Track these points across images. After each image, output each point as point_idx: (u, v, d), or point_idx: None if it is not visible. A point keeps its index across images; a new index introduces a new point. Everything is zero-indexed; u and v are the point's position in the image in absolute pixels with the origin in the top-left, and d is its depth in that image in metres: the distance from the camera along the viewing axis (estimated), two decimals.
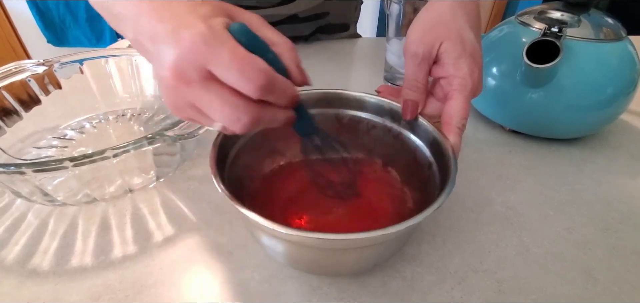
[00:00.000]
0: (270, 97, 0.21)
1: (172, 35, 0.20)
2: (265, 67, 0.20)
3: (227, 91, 0.20)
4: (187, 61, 0.20)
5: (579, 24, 0.40)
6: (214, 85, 0.20)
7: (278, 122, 0.23)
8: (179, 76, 0.20)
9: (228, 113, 0.21)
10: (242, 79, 0.20)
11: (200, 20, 0.20)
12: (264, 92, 0.20)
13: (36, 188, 0.32)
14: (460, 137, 0.28)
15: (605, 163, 0.42)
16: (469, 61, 0.28)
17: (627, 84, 0.41)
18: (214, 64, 0.20)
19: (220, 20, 0.21)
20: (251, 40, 0.21)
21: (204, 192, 0.37)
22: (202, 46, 0.19)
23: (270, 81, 0.20)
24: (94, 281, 0.28)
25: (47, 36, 1.93)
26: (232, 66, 0.19)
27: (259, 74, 0.20)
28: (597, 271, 0.29)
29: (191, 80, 0.20)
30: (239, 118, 0.21)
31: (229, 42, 0.20)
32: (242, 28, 0.21)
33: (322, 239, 0.21)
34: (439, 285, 0.28)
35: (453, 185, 0.24)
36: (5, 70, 0.42)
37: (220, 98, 0.20)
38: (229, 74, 0.20)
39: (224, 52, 0.19)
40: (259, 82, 0.20)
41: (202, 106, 0.21)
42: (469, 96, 0.28)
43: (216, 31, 0.20)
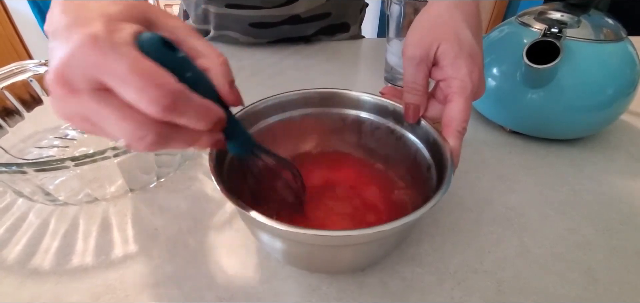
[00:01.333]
0: (181, 119, 0.18)
1: (64, 32, 0.17)
2: (172, 85, 0.17)
3: (126, 105, 0.17)
4: (74, 67, 0.16)
5: (579, 25, 0.40)
6: (110, 98, 0.17)
7: (200, 145, 0.21)
8: (64, 83, 0.17)
9: (129, 130, 0.17)
10: (141, 97, 0.16)
11: (99, 21, 0.17)
12: (170, 113, 0.17)
13: (38, 188, 0.32)
14: (460, 140, 0.28)
15: (606, 164, 0.42)
16: (467, 61, 0.28)
17: (627, 85, 0.41)
18: (108, 76, 0.16)
19: (127, 27, 0.18)
20: (164, 55, 0.18)
21: (204, 192, 0.37)
22: (93, 51, 0.16)
23: (179, 103, 0.17)
24: (95, 281, 0.28)
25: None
26: (130, 82, 0.16)
27: (164, 94, 0.17)
28: (598, 271, 0.29)
29: (78, 89, 0.17)
30: (142, 137, 0.18)
31: (130, 53, 0.16)
32: (152, 39, 0.18)
33: (319, 236, 0.21)
34: (439, 285, 0.28)
35: (448, 185, 0.24)
36: (7, 70, 0.42)
37: (118, 112, 0.17)
38: (125, 90, 0.17)
39: (120, 63, 0.16)
40: (163, 102, 0.17)
41: (97, 119, 0.18)
42: (470, 98, 0.28)
43: (115, 37, 0.17)
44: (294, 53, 0.70)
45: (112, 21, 0.17)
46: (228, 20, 0.68)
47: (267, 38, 0.71)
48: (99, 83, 0.17)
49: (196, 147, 0.21)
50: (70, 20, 0.17)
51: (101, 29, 0.17)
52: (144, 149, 0.18)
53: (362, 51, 0.73)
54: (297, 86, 0.34)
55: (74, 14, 0.18)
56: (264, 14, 0.66)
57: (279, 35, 0.71)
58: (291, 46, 0.72)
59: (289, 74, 0.62)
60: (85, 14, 0.17)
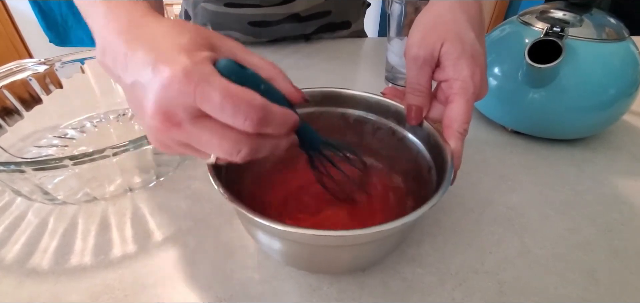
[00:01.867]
0: (268, 128, 0.20)
1: (150, 70, 0.18)
2: (259, 101, 0.19)
3: (222, 126, 0.19)
4: (174, 102, 0.18)
5: (581, 24, 0.39)
6: (207, 122, 0.19)
7: (281, 149, 0.23)
8: (166, 119, 0.19)
9: (227, 147, 0.20)
10: (237, 117, 0.18)
11: (182, 54, 0.19)
12: (262, 126, 0.19)
13: (36, 187, 0.32)
14: (462, 142, 0.27)
15: (607, 164, 0.42)
16: (469, 62, 0.27)
17: (629, 85, 0.40)
18: (205, 104, 0.18)
19: (204, 55, 0.19)
20: (241, 76, 0.20)
21: (204, 191, 0.37)
22: (188, 85, 0.18)
23: (266, 115, 0.19)
24: (94, 280, 0.28)
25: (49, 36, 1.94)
26: (225, 106, 0.18)
27: (255, 110, 0.19)
28: (599, 272, 0.29)
29: (180, 121, 0.19)
30: (239, 150, 0.20)
31: (218, 80, 0.18)
32: (230, 65, 0.20)
33: (318, 236, 0.21)
34: (440, 286, 0.28)
35: (447, 186, 0.24)
36: (7, 69, 0.42)
37: (217, 135, 0.19)
38: (223, 114, 0.18)
39: (213, 92, 0.18)
40: (256, 118, 0.19)
41: (197, 145, 0.20)
42: (471, 99, 0.27)
43: (202, 68, 0.18)
44: (294, 52, 0.69)
45: (190, 52, 0.19)
46: (227, 19, 0.67)
47: (267, 37, 0.71)
48: (197, 111, 0.19)
49: (278, 151, 0.22)
50: (150, 58, 0.19)
51: (188, 62, 0.18)
52: (241, 160, 0.20)
53: (362, 50, 0.73)
54: (298, 85, 0.34)
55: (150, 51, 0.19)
56: (264, 12, 0.66)
57: (279, 34, 0.71)
58: (291, 44, 0.72)
59: (289, 74, 0.61)
60: (162, 50, 0.19)
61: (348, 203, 0.32)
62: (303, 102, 0.25)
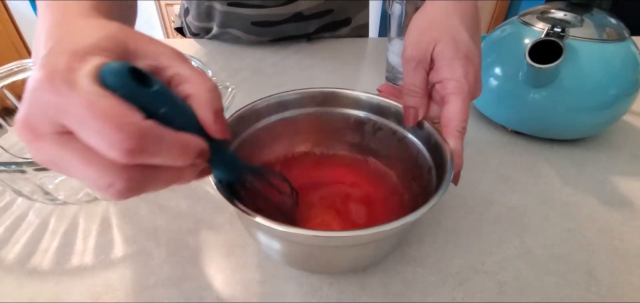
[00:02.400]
0: (155, 159, 0.16)
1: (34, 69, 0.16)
2: (136, 125, 0.15)
3: (88, 152, 0.15)
4: (35, 109, 0.15)
5: (582, 24, 0.39)
6: (73, 142, 0.15)
7: (183, 182, 0.19)
8: (28, 129, 0.15)
9: (94, 177, 0.15)
10: (101, 141, 0.15)
11: (62, 56, 0.15)
12: (137, 156, 0.15)
13: (37, 187, 0.32)
14: (461, 141, 0.27)
15: (608, 164, 0.42)
16: (463, 62, 0.27)
17: (630, 85, 0.40)
18: (66, 118, 0.15)
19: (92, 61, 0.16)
20: (131, 88, 0.15)
21: (204, 192, 0.37)
22: (50, 91, 0.15)
23: (147, 143, 0.15)
24: (95, 280, 0.28)
25: None
26: (88, 123, 0.14)
27: (128, 136, 0.14)
28: (600, 272, 0.29)
29: (42, 133, 0.15)
30: (110, 184, 0.16)
31: (87, 90, 0.14)
32: (118, 71, 0.15)
33: (318, 237, 0.21)
34: (440, 286, 0.28)
35: (447, 186, 0.24)
36: (7, 69, 0.42)
37: (82, 158, 0.15)
38: (85, 132, 0.15)
39: (76, 104, 0.14)
40: (127, 146, 0.14)
41: (62, 165, 0.16)
42: (467, 98, 0.27)
43: (74, 75, 0.15)
44: (295, 52, 0.69)
45: (76, 55, 0.16)
46: (231, 18, 0.68)
47: (270, 36, 0.71)
48: (60, 126, 0.15)
49: (179, 184, 0.19)
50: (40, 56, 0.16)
51: (61, 65, 0.15)
52: (117, 198, 0.16)
53: (363, 50, 0.73)
54: (299, 85, 0.34)
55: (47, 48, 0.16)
56: (267, 12, 0.66)
57: (281, 34, 0.71)
58: (293, 44, 0.72)
59: (290, 74, 0.62)
60: (53, 50, 0.16)
61: None
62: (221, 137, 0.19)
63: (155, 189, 0.18)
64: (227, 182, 0.24)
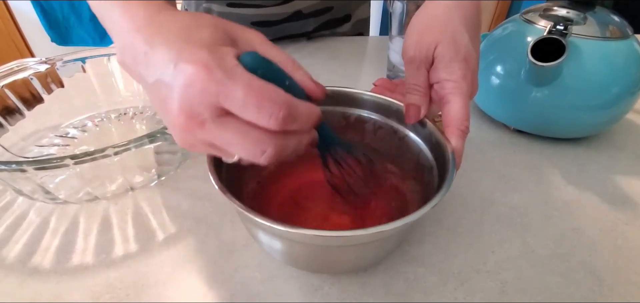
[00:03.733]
0: (294, 125, 0.19)
1: (173, 68, 0.18)
2: (284, 97, 0.18)
3: (245, 125, 0.18)
4: (197, 101, 0.18)
5: (585, 22, 0.39)
6: (231, 121, 0.18)
7: (303, 146, 0.22)
8: (190, 117, 0.18)
9: (251, 148, 0.19)
10: (261, 114, 0.18)
11: (203, 50, 0.18)
12: (287, 123, 0.18)
13: (38, 186, 0.32)
14: (463, 140, 0.28)
15: (611, 163, 0.41)
16: (461, 65, 0.28)
17: (633, 83, 0.40)
18: (228, 102, 0.18)
19: (228, 51, 0.19)
20: (267, 70, 0.19)
21: (206, 191, 0.37)
22: (211, 82, 0.17)
23: (292, 111, 0.19)
24: (95, 280, 0.28)
25: (51, 35, 1.94)
26: (249, 103, 0.18)
27: (279, 106, 0.18)
28: (603, 272, 0.29)
29: (204, 120, 0.18)
30: (264, 151, 0.19)
31: (242, 75, 0.18)
32: (255, 58, 0.19)
33: (319, 236, 0.21)
34: (442, 285, 0.28)
35: (449, 185, 0.24)
36: (8, 68, 0.42)
37: (240, 133, 0.19)
38: (246, 111, 0.18)
39: (237, 88, 0.17)
40: (281, 115, 0.18)
41: (221, 144, 0.19)
42: (465, 97, 0.28)
43: (225, 63, 0.18)
44: (295, 51, 0.69)
45: (212, 47, 0.18)
46: (230, 19, 0.67)
47: (270, 36, 0.71)
48: (220, 109, 0.18)
49: (301, 150, 0.21)
50: (171, 55, 0.18)
51: (210, 58, 0.18)
52: (266, 162, 0.19)
53: (364, 49, 0.72)
54: None
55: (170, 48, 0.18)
56: (266, 12, 0.66)
57: (282, 33, 0.71)
58: (293, 43, 0.72)
59: None
60: (184, 44, 0.18)
61: (354, 204, 0.32)
62: (322, 97, 0.23)
63: (290, 152, 0.21)
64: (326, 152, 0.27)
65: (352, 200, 0.31)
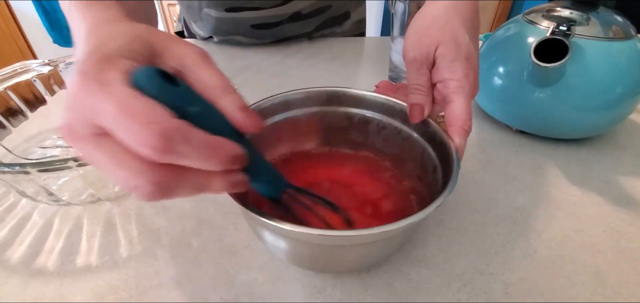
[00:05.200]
0: (183, 160, 0.16)
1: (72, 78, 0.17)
2: (164, 123, 0.15)
3: (122, 151, 0.16)
4: (73, 113, 0.16)
5: (588, 22, 0.39)
6: (107, 142, 0.16)
7: (213, 189, 0.18)
8: (69, 130, 0.16)
9: (124, 177, 0.16)
10: (132, 137, 0.15)
11: (91, 59, 0.16)
12: (165, 155, 0.15)
13: (41, 188, 0.32)
14: (466, 139, 0.28)
15: (614, 164, 0.41)
16: (463, 64, 0.28)
17: (637, 84, 0.40)
18: (100, 118, 0.15)
19: (121, 63, 0.17)
20: (161, 89, 0.16)
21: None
22: (84, 95, 0.16)
23: (172, 141, 0.15)
24: (99, 281, 0.28)
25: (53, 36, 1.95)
26: (119, 123, 0.15)
27: (154, 133, 0.15)
28: (606, 273, 0.29)
29: (80, 136, 0.16)
30: (138, 186, 0.16)
31: (118, 91, 0.15)
32: (147, 73, 0.16)
33: (323, 236, 0.21)
34: (445, 287, 0.28)
35: (454, 185, 0.24)
36: (11, 70, 0.42)
37: (113, 158, 0.16)
38: (117, 131, 0.15)
39: (107, 104, 0.15)
40: (153, 143, 0.15)
41: (98, 165, 0.17)
42: (468, 96, 0.28)
43: (104, 76, 0.16)
44: (297, 52, 0.69)
45: (107, 59, 0.16)
46: (230, 24, 0.67)
47: (270, 38, 0.71)
48: (96, 127, 0.16)
49: (210, 192, 0.18)
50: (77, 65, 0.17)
51: (91, 68, 0.16)
52: (146, 199, 0.16)
53: (366, 50, 0.72)
54: (301, 85, 0.34)
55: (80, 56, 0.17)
56: (265, 14, 0.66)
57: (282, 35, 0.71)
58: (294, 44, 0.72)
59: (292, 74, 0.62)
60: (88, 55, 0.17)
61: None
62: (252, 131, 0.19)
63: (183, 194, 0.17)
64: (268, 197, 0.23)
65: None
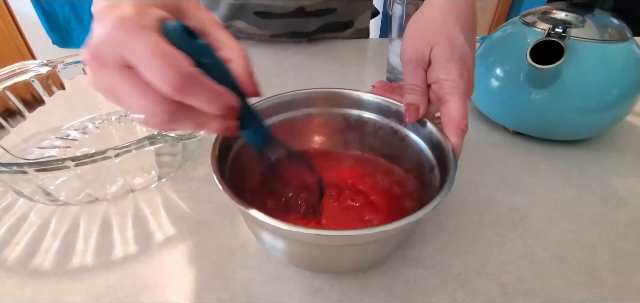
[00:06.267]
0: (193, 100, 0.20)
1: (102, 14, 0.19)
2: (185, 68, 0.19)
3: (144, 84, 0.19)
4: (104, 45, 0.19)
5: (584, 25, 0.39)
6: (131, 74, 0.19)
7: (209, 129, 0.22)
8: (96, 57, 0.19)
9: (143, 105, 0.19)
10: (157, 75, 0.18)
11: (130, 5, 0.19)
12: (180, 93, 0.19)
13: (38, 188, 0.32)
14: (462, 139, 0.28)
15: (611, 165, 0.41)
16: (458, 64, 0.29)
17: (633, 86, 0.40)
18: (131, 54, 0.19)
19: (154, 12, 0.20)
20: (184, 41, 0.20)
21: (206, 192, 0.37)
22: (121, 32, 0.18)
23: (189, 84, 0.19)
24: (95, 281, 0.28)
25: (52, 37, 1.95)
26: (148, 61, 0.18)
27: (175, 74, 0.18)
28: (603, 274, 0.29)
29: (107, 63, 0.19)
30: (154, 113, 0.20)
31: (152, 36, 0.19)
32: (176, 27, 0.20)
33: (320, 236, 0.21)
34: (442, 287, 0.28)
35: (451, 185, 0.24)
36: (9, 70, 0.42)
37: (136, 87, 0.19)
38: (144, 68, 0.19)
39: (143, 44, 0.18)
40: (173, 82, 0.18)
41: (119, 93, 0.20)
42: (463, 96, 0.29)
43: (141, 21, 0.19)
44: (296, 53, 0.69)
45: (142, 6, 0.19)
46: (233, 8, 0.68)
47: (271, 30, 0.71)
48: (124, 60, 0.19)
49: (206, 130, 0.22)
50: (108, 4, 0.20)
51: (130, 12, 0.19)
52: (156, 125, 0.20)
53: (364, 51, 0.73)
54: (299, 86, 0.34)
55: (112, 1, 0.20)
56: (270, 3, 0.66)
57: (283, 29, 0.71)
58: (293, 45, 0.72)
59: (290, 75, 0.62)
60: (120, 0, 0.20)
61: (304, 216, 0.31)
62: (254, 95, 0.23)
63: (186, 127, 0.21)
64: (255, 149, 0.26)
65: (296, 208, 0.30)
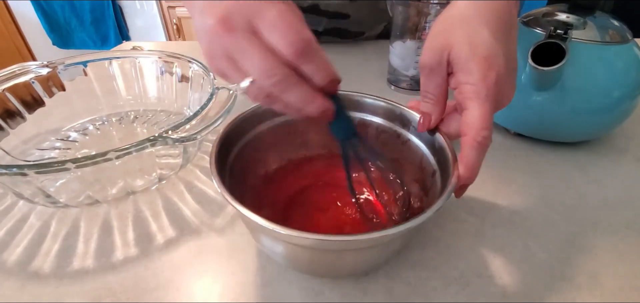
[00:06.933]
0: (308, 66, 0.22)
1: None
2: (308, 35, 0.21)
3: (266, 47, 0.21)
4: (236, 11, 0.21)
5: (585, 26, 0.39)
6: (257, 40, 0.21)
7: (313, 107, 0.23)
8: (225, 22, 0.21)
9: (263, 66, 0.21)
10: (283, 39, 0.21)
11: None
12: (302, 58, 0.21)
13: (38, 190, 0.32)
14: (479, 152, 0.24)
15: (612, 167, 0.41)
16: (480, 64, 0.24)
17: (634, 87, 0.40)
18: (261, 20, 0.21)
19: None
20: None
21: (206, 194, 0.37)
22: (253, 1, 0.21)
23: (309, 50, 0.21)
24: (96, 283, 0.28)
25: (53, 38, 1.95)
26: (277, 26, 0.21)
27: (301, 40, 0.21)
28: (604, 276, 0.29)
29: (235, 28, 0.21)
30: (273, 74, 0.21)
31: (279, 5, 0.21)
32: None
33: (321, 240, 0.21)
34: (443, 290, 0.28)
35: (451, 191, 0.24)
36: (9, 72, 0.42)
37: (260, 52, 0.21)
38: (272, 32, 0.21)
39: (273, 11, 0.21)
40: (298, 46, 0.21)
41: (240, 55, 0.22)
42: (486, 102, 0.24)
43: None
44: None
45: None
46: None
47: None
48: (252, 26, 0.21)
49: (309, 110, 0.23)
50: None
51: None
52: (270, 86, 0.22)
53: (365, 53, 0.73)
54: None
55: None
56: None
57: None
58: None
59: None
60: None
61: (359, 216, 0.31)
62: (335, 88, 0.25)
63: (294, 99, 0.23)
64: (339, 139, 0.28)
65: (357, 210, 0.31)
